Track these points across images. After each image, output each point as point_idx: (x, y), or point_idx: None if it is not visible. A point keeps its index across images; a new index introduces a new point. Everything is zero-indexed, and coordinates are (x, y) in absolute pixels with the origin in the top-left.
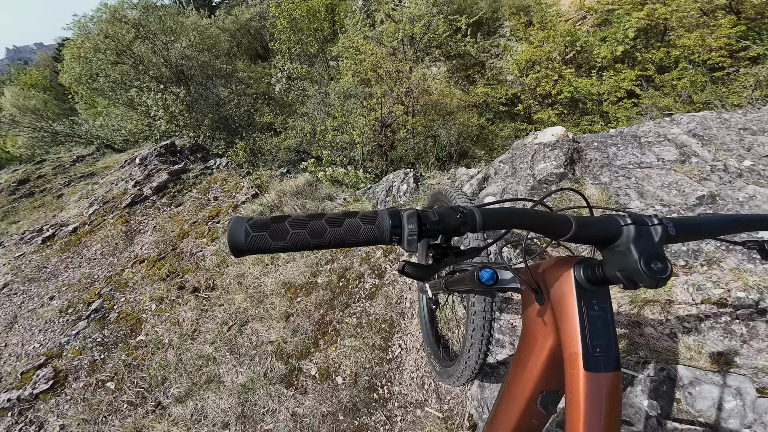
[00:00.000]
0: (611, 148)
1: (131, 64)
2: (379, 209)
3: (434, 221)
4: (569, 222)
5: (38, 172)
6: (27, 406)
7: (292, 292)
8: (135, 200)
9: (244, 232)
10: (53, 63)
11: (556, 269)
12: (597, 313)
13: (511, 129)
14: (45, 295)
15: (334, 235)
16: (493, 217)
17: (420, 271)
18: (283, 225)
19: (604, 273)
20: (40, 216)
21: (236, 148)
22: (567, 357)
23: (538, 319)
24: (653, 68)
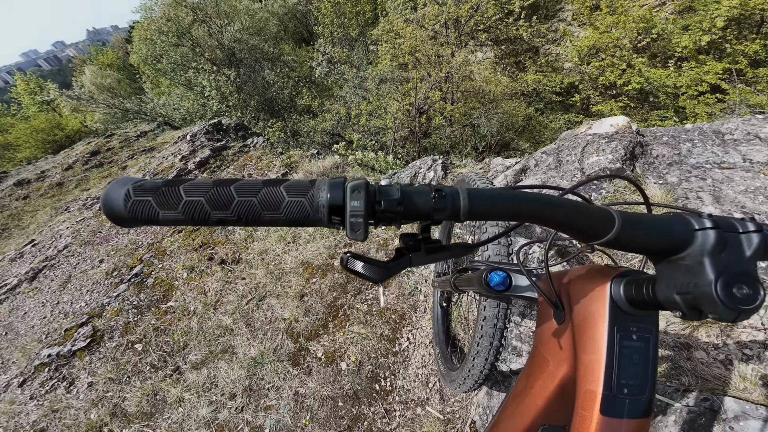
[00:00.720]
0: (685, 144)
1: (190, 47)
2: (318, 179)
3: (393, 200)
4: (611, 218)
5: (107, 145)
6: (63, 363)
7: (309, 272)
8: (180, 173)
9: (123, 196)
10: (125, 44)
11: (585, 282)
12: (635, 344)
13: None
14: (96, 258)
15: (245, 209)
16: (487, 201)
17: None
18: (175, 190)
19: (654, 294)
20: (106, 185)
21: (272, 128)
22: (581, 393)
23: (552, 340)
24: (745, 61)
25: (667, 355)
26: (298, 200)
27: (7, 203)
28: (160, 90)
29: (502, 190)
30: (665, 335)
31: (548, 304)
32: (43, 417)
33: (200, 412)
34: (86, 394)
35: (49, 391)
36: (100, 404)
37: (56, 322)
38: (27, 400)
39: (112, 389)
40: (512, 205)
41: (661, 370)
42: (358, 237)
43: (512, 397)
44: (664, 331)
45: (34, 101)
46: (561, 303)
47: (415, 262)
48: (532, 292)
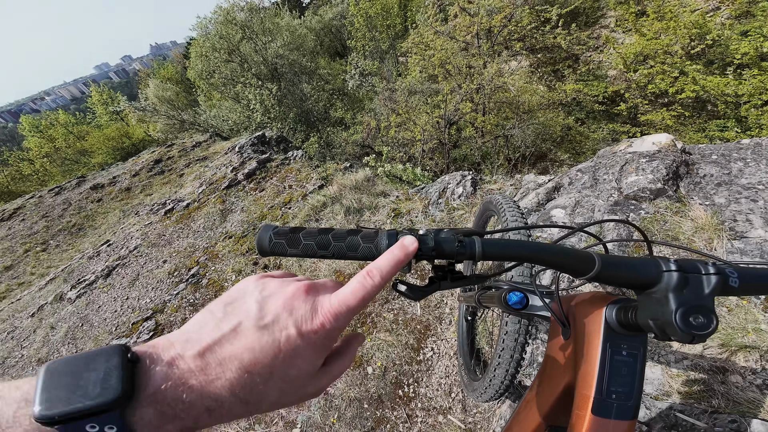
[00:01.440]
0: (736, 164)
1: (238, 62)
2: (380, 229)
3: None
4: (592, 260)
5: (168, 154)
6: None
7: (341, 280)
8: (231, 183)
9: (268, 238)
10: (183, 59)
11: (587, 305)
12: (623, 359)
13: (607, 131)
14: (160, 259)
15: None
16: (496, 248)
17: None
18: (297, 236)
19: (636, 319)
20: (167, 191)
21: (310, 142)
22: (578, 397)
23: (559, 353)
24: None
25: (700, 378)
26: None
27: (84, 205)
28: (211, 103)
29: (508, 240)
30: (701, 359)
31: (558, 322)
32: None
33: None
34: None
35: None
36: None
37: (125, 315)
38: None
39: None
40: (515, 251)
41: (691, 392)
42: (405, 271)
43: (524, 403)
44: (700, 355)
45: (106, 111)
46: (568, 322)
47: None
48: (546, 311)
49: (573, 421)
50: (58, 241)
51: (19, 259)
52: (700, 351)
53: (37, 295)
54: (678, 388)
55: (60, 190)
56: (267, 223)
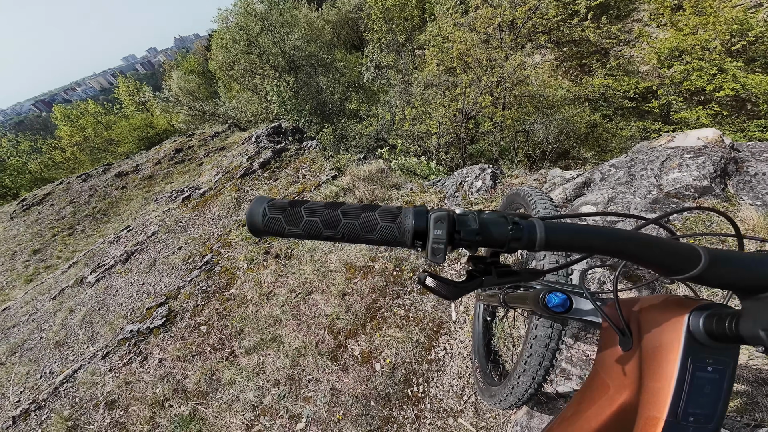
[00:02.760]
0: None
1: (257, 54)
2: (404, 206)
3: (472, 230)
4: (696, 254)
5: (188, 143)
6: (141, 339)
7: (352, 272)
8: (246, 172)
9: (261, 213)
10: (205, 51)
11: (659, 312)
12: (708, 376)
13: (637, 129)
14: (176, 245)
15: (348, 229)
16: (564, 234)
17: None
18: (298, 210)
19: (737, 329)
20: (187, 179)
21: (324, 132)
22: (642, 419)
23: (615, 366)
24: None
25: (744, 390)
26: (389, 225)
27: (109, 192)
28: (231, 94)
29: (582, 225)
30: (745, 369)
31: (614, 330)
32: (116, 388)
33: (248, 395)
34: (156, 369)
35: (126, 364)
36: (165, 380)
37: (140, 300)
38: (106, 372)
39: (177, 366)
40: (589, 240)
41: (734, 405)
42: (438, 261)
43: (562, 419)
44: (745, 365)
45: (133, 102)
46: (629, 330)
47: (486, 283)
48: (595, 316)
49: None
50: (84, 226)
51: (47, 243)
52: (745, 361)
53: (60, 278)
54: None
55: (87, 177)
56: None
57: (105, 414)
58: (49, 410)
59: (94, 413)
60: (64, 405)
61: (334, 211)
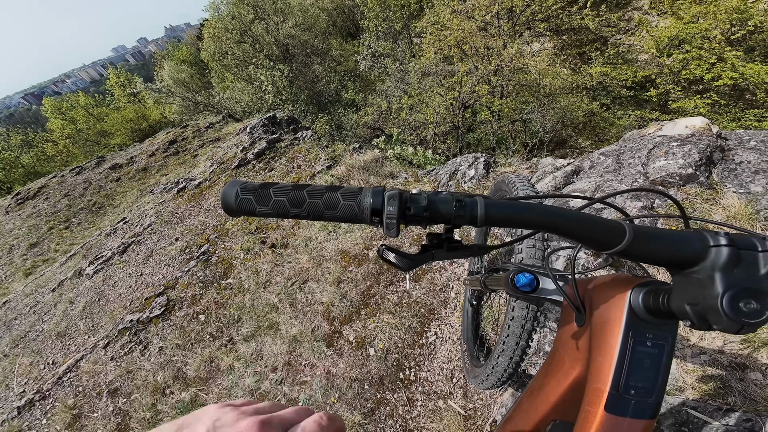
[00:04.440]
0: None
1: (250, 43)
2: (364, 187)
3: (421, 207)
4: (621, 230)
5: (182, 135)
6: (142, 328)
7: (347, 261)
8: (241, 163)
9: (234, 194)
10: (197, 41)
11: (607, 289)
12: (648, 350)
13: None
14: (173, 236)
15: (313, 207)
16: (502, 211)
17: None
18: (267, 191)
19: (669, 304)
20: (181, 171)
21: (320, 122)
22: (589, 391)
23: (571, 342)
24: None
25: (717, 374)
26: (350, 203)
27: (104, 184)
28: (224, 84)
29: (518, 202)
30: (720, 354)
31: (571, 307)
32: (118, 377)
33: (246, 380)
34: (156, 357)
35: (127, 353)
36: (166, 367)
37: (139, 291)
38: (108, 361)
39: (177, 354)
40: (526, 216)
41: (707, 389)
42: (391, 234)
43: (528, 393)
44: (720, 350)
45: (124, 93)
46: (584, 307)
47: (437, 257)
48: (558, 295)
49: (581, 417)
50: (80, 219)
51: (43, 236)
52: (720, 346)
53: (58, 270)
54: (693, 383)
55: (81, 170)
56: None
57: (108, 402)
58: (53, 399)
59: (98, 401)
60: (68, 394)
61: (300, 192)
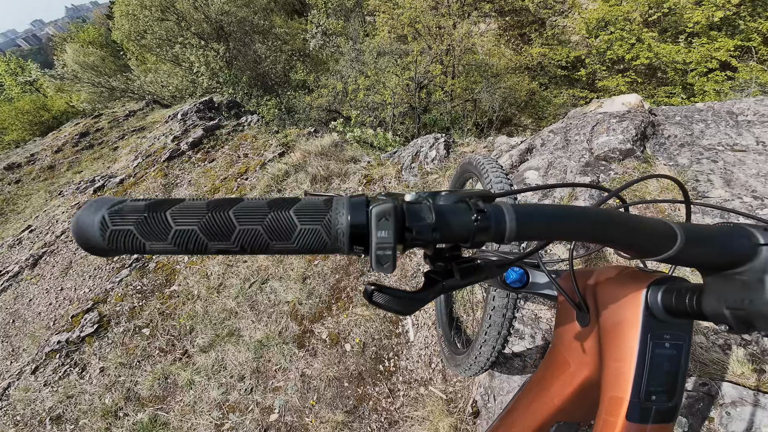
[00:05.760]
0: (698, 125)
1: (174, 21)
2: (335, 195)
3: (427, 225)
4: (673, 234)
5: (96, 126)
6: (74, 349)
7: (311, 254)
8: (173, 155)
9: (99, 225)
10: (107, 20)
11: (617, 286)
12: (667, 352)
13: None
14: None
15: (249, 238)
16: (539, 222)
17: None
18: (161, 217)
19: (700, 305)
20: (99, 167)
21: (267, 105)
22: (606, 399)
23: (574, 343)
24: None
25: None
26: (313, 228)
27: (0, 188)
28: (146, 67)
29: (553, 209)
30: None
31: (571, 305)
32: (58, 403)
33: (211, 393)
34: (99, 379)
35: (62, 377)
36: (113, 389)
37: (62, 308)
38: (41, 387)
39: (123, 374)
40: (567, 226)
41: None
42: (385, 270)
43: (526, 393)
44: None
45: (17, 82)
46: (585, 305)
47: (447, 288)
48: (551, 290)
49: (599, 426)
50: None
51: None
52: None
53: None
54: None
55: None
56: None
57: (54, 429)
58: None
59: (42, 429)
60: (7, 424)
61: (222, 214)
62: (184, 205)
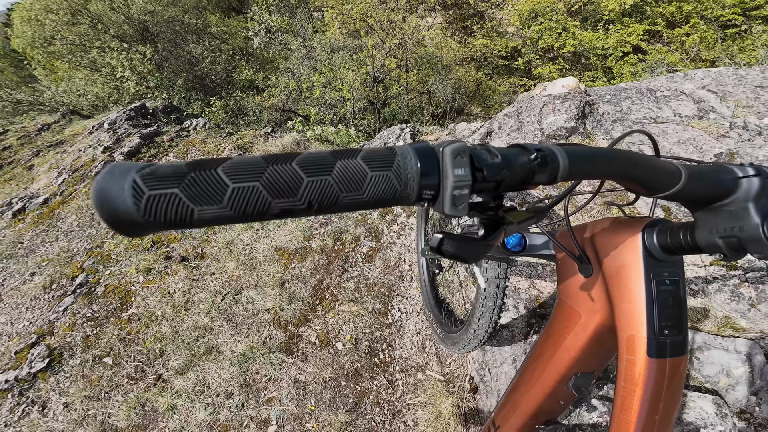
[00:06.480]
0: (625, 102)
1: (89, 24)
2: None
3: (494, 164)
4: (677, 172)
5: (2, 144)
6: (27, 386)
7: (286, 258)
8: None
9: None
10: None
11: (613, 234)
12: (668, 288)
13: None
14: (26, 272)
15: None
16: (584, 160)
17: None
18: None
19: (694, 239)
20: (13, 189)
21: (213, 108)
22: (623, 340)
23: (581, 294)
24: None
25: None
26: (384, 173)
27: None
28: (57, 76)
29: (593, 150)
30: None
31: (573, 259)
32: None
33: (198, 416)
34: (65, 415)
35: (22, 417)
36: (84, 423)
37: (1, 346)
38: (2, 429)
39: (92, 407)
40: (607, 164)
41: None
42: (460, 212)
43: (537, 354)
44: None
45: None
46: (586, 256)
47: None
48: (548, 249)
49: (623, 367)
50: None
51: None
52: None
53: None
54: None
55: None
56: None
57: None
58: None
59: None
60: None
61: (287, 167)
62: (236, 161)
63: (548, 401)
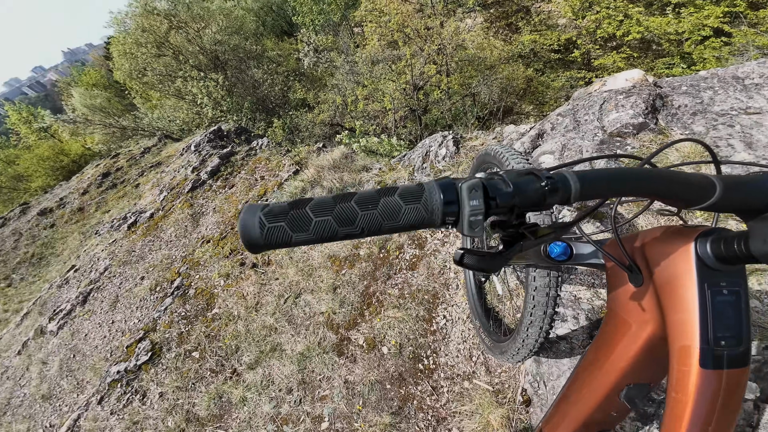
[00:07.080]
0: (706, 93)
1: (171, 55)
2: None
3: (507, 193)
4: (711, 184)
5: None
6: (133, 377)
7: (337, 265)
8: (195, 185)
9: (258, 223)
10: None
11: (665, 243)
12: (726, 299)
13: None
14: (137, 276)
15: (368, 221)
16: (596, 182)
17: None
18: (303, 212)
19: (748, 248)
20: (125, 204)
21: (274, 127)
22: (675, 350)
23: (632, 304)
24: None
25: None
26: (414, 206)
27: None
28: (151, 104)
29: (609, 170)
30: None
31: (621, 268)
32: (126, 430)
33: (263, 408)
34: (159, 403)
35: (126, 404)
36: (174, 412)
37: (116, 340)
38: (108, 416)
39: (181, 396)
40: (621, 183)
41: None
42: (477, 234)
43: (587, 364)
44: None
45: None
46: (636, 266)
47: (526, 246)
48: (597, 258)
49: (674, 378)
50: (21, 274)
51: None
52: None
53: (16, 332)
54: None
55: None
56: (250, 204)
57: None
58: None
59: None
60: None
61: (347, 204)
62: (317, 201)
63: (599, 412)
